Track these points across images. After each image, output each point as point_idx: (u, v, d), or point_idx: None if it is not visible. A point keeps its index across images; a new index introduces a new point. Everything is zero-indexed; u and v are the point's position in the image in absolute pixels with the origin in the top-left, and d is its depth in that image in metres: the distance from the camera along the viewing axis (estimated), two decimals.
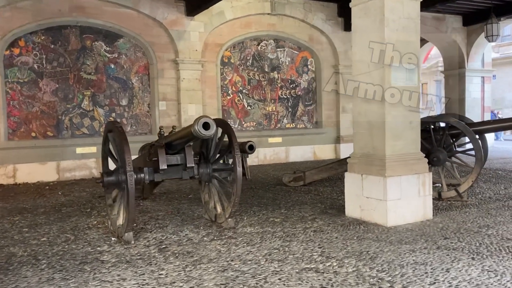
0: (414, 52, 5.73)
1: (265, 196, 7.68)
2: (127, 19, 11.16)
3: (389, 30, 5.51)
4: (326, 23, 13.75)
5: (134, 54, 11.44)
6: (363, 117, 5.90)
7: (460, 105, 16.83)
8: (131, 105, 11.44)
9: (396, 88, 5.58)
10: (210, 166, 5.64)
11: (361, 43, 5.90)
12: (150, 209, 6.83)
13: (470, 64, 16.75)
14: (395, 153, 5.60)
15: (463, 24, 16.44)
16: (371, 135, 5.77)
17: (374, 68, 5.67)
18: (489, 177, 9.27)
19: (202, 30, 11.93)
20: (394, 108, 5.59)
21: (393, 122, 5.59)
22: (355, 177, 5.93)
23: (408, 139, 5.71)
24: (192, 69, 11.81)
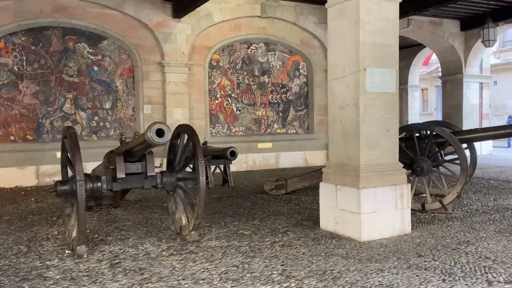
0: (392, 56, 5.41)
1: (243, 206, 7.36)
2: (112, 21, 10.90)
3: (365, 32, 5.20)
4: (318, 27, 13.44)
5: (118, 56, 11.17)
6: (338, 124, 5.58)
7: (457, 111, 16.48)
8: (114, 109, 11.15)
9: (372, 94, 5.26)
10: (175, 175, 5.32)
11: (336, 46, 5.58)
12: (119, 218, 6.52)
13: (468, 70, 16.40)
14: (371, 163, 5.27)
15: (461, 29, 16.10)
16: (346, 144, 5.44)
17: (349, 73, 5.35)
18: (480, 187, 8.91)
19: (189, 32, 11.65)
20: (369, 115, 5.26)
21: (368, 130, 5.26)
22: (330, 188, 5.60)
23: (385, 148, 5.37)
24: (178, 72, 11.52)
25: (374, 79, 5.27)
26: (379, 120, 5.33)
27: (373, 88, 5.27)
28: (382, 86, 5.33)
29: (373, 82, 5.26)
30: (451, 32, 15.96)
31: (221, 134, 12.48)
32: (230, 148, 8.95)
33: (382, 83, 5.33)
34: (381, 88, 5.32)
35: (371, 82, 5.25)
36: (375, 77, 5.27)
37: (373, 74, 5.25)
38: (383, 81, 5.33)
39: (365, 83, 5.21)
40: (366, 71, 5.20)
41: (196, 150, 4.99)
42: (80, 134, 10.74)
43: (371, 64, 5.24)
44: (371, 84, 5.25)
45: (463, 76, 16.28)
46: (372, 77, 5.24)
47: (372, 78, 5.25)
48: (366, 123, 5.25)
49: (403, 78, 20.51)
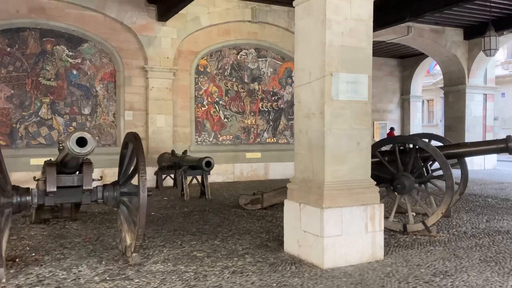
0: (364, 60, 4.83)
1: (211, 222, 6.79)
2: (92, 23, 10.45)
3: (332, 33, 4.63)
4: None
5: (99, 60, 10.71)
6: (303, 135, 5.01)
7: (460, 123, 15.80)
8: (94, 114, 10.67)
9: (339, 102, 4.68)
10: (118, 189, 4.78)
11: (302, 49, 5.03)
12: (70, 234, 5.98)
13: (471, 80, 15.75)
14: (337, 180, 4.68)
15: (464, 37, 15.49)
16: (311, 157, 4.86)
17: (314, 78, 4.79)
18: (475, 205, 8.24)
19: (174, 36, 11.17)
20: (336, 126, 4.68)
21: (335, 143, 4.68)
22: (294, 206, 5.02)
23: (354, 163, 4.78)
24: (162, 78, 11.03)
25: (342, 86, 4.69)
26: (348, 131, 4.75)
27: (341, 96, 4.69)
28: (351, 94, 4.75)
29: (341, 88, 4.68)
30: (453, 41, 15.34)
31: (207, 142, 11.94)
32: (206, 158, 8.40)
33: (352, 90, 4.75)
34: (350, 95, 4.75)
35: (339, 88, 4.67)
36: (344, 83, 4.70)
37: (341, 80, 4.68)
38: (353, 88, 4.75)
39: (331, 89, 4.64)
40: (332, 77, 4.63)
41: (138, 162, 4.45)
42: (57, 140, 10.26)
43: (339, 68, 4.67)
44: (339, 91, 4.67)
45: (466, 87, 15.63)
46: (339, 83, 4.67)
47: (340, 85, 4.68)
48: (333, 135, 4.67)
49: (405, 88, 19.88)
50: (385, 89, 19.63)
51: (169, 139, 11.11)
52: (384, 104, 19.66)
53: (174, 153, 9.64)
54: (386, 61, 19.59)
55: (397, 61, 19.83)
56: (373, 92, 16.19)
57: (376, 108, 19.44)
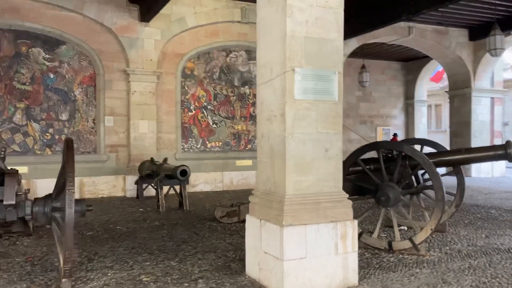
0: (333, 54, 4.17)
1: (177, 238, 6.14)
2: (71, 24, 9.93)
3: (294, 22, 3.99)
4: None
5: (78, 63, 10.17)
6: (265, 140, 4.35)
7: (466, 128, 15.00)
8: (72, 120, 10.12)
9: (303, 102, 4.03)
10: (50, 204, 4.15)
11: (263, 42, 4.39)
12: (15, 252, 5.38)
13: (478, 83, 14.95)
14: (301, 193, 4.02)
15: (469, 38, 14.73)
16: (273, 166, 4.21)
17: (276, 75, 4.14)
18: (475, 218, 7.49)
19: (158, 37, 10.61)
20: (300, 130, 4.02)
21: (299, 150, 4.02)
22: (254, 223, 4.36)
23: (321, 173, 4.11)
24: (145, 81, 10.46)
25: (307, 83, 4.04)
26: (314, 136, 4.09)
27: (306, 95, 4.04)
28: (318, 92, 4.09)
29: (305, 86, 4.03)
30: (458, 42, 14.58)
31: (194, 149, 11.32)
32: (181, 166, 7.77)
33: (319, 89, 4.09)
34: (317, 94, 4.09)
35: (303, 86, 4.02)
36: (309, 81, 4.04)
37: (306, 77, 4.02)
38: (320, 86, 4.09)
39: (294, 87, 3.99)
40: (295, 73, 3.98)
41: (66, 173, 3.83)
42: (32, 148, 9.73)
43: (303, 63, 4.02)
44: (303, 90, 4.02)
45: (472, 90, 14.84)
46: (303, 80, 4.02)
47: (304, 82, 4.02)
48: (295, 140, 4.01)
49: (409, 92, 19.12)
50: (388, 93, 18.89)
51: (152, 146, 10.52)
52: (388, 109, 18.91)
53: (153, 160, 9.04)
54: (389, 65, 18.85)
55: (401, 65, 19.08)
56: (375, 96, 15.54)
57: (379, 113, 18.73)
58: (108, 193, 10.17)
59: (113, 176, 10.23)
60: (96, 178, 10.07)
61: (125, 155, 10.41)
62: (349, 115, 18.12)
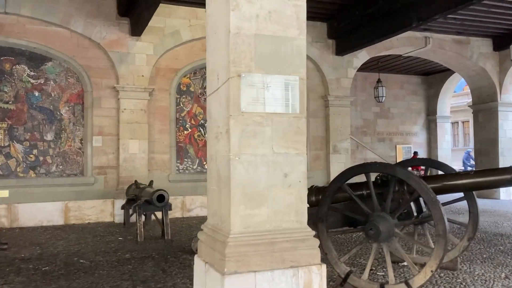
0: (293, 56, 3.36)
1: (138, 275, 5.32)
2: (57, 39, 9.43)
3: (241, 16, 3.20)
4: (313, 46, 11.47)
5: (65, 80, 9.62)
6: (213, 164, 3.54)
7: (492, 146, 13.79)
8: (58, 141, 9.53)
9: (254, 115, 3.21)
10: None
11: (211, 43, 3.63)
12: None
13: (504, 97, 13.78)
14: (251, 230, 3.17)
15: (494, 48, 13.63)
16: (220, 196, 3.38)
17: (222, 82, 3.35)
18: (497, 251, 6.40)
19: (151, 52, 10.00)
20: (249, 151, 3.20)
21: (248, 175, 3.18)
22: (200, 267, 3.52)
23: (279, 205, 3.26)
24: (136, 98, 9.82)
25: (259, 92, 3.22)
26: (269, 158, 3.25)
27: (257, 106, 3.22)
28: (274, 104, 3.27)
29: (255, 96, 3.21)
30: (481, 52, 13.50)
31: (190, 170, 10.57)
32: (158, 191, 7.01)
33: (275, 99, 3.27)
34: (272, 106, 3.27)
35: (252, 96, 3.20)
36: (261, 89, 3.23)
37: (256, 84, 3.21)
38: (276, 95, 3.27)
39: (240, 97, 3.18)
40: (241, 79, 3.17)
41: None
42: (15, 170, 9.16)
43: (253, 67, 3.22)
44: (253, 100, 3.21)
45: (499, 104, 13.68)
46: (253, 88, 3.21)
47: (255, 90, 3.21)
48: (243, 163, 3.18)
49: (431, 108, 17.98)
50: (408, 109, 17.81)
51: (144, 167, 9.82)
52: (408, 126, 17.80)
53: (137, 183, 8.32)
54: (408, 79, 17.81)
55: (421, 79, 18.01)
56: (394, 113, 14.48)
57: (398, 130, 17.64)
58: (96, 218, 9.48)
59: (101, 200, 9.55)
60: (83, 202, 9.40)
61: (114, 177, 9.73)
62: (366, 132, 17.13)
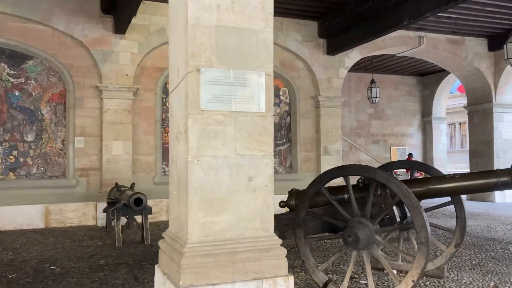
0: (258, 50, 3.11)
1: (110, 283, 5.04)
2: (38, 37, 9.16)
3: (199, 6, 2.94)
4: (303, 45, 11.22)
5: (46, 79, 9.35)
6: (174, 166, 3.28)
7: (487, 148, 13.55)
8: (39, 141, 9.25)
9: (215, 114, 2.95)
10: None
11: (173, 36, 3.36)
12: None
13: (500, 98, 13.54)
14: (211, 239, 2.91)
15: (489, 48, 13.38)
16: (180, 201, 3.12)
17: (181, 78, 3.08)
18: (487, 257, 6.13)
19: (135, 51, 9.73)
20: (210, 152, 2.94)
21: (208, 179, 2.92)
22: (159, 278, 3.26)
23: (243, 211, 3.00)
24: (120, 98, 9.55)
25: (221, 89, 2.97)
26: (232, 160, 2.99)
27: (218, 104, 2.96)
28: (237, 101, 3.01)
29: (217, 93, 2.96)
30: (476, 53, 13.26)
31: None
32: (136, 194, 6.74)
33: (238, 96, 3.01)
34: (235, 104, 3.01)
35: (213, 93, 2.95)
36: (223, 85, 2.97)
37: (218, 80, 2.96)
38: (239, 93, 3.02)
39: (200, 94, 2.92)
40: (200, 74, 2.91)
41: None
42: None
43: (214, 61, 2.96)
44: (213, 97, 2.95)
45: (494, 105, 13.43)
46: (215, 84, 2.95)
47: (216, 87, 2.95)
48: (203, 166, 2.92)
49: (427, 109, 17.74)
50: (403, 110, 17.55)
51: (128, 169, 9.54)
52: (403, 127, 17.54)
53: (118, 186, 8.04)
54: (403, 80, 17.57)
55: (416, 79, 17.77)
56: (389, 114, 14.21)
57: (393, 132, 17.38)
58: (78, 221, 9.20)
59: (83, 203, 9.27)
60: (64, 205, 9.12)
61: (97, 179, 9.45)
62: (360, 134, 16.88)
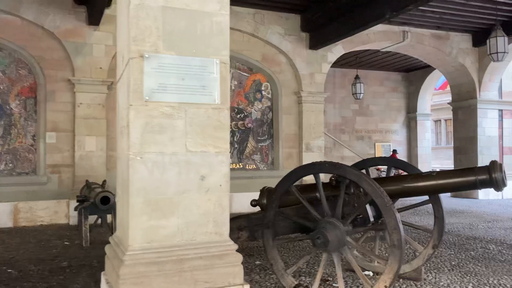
0: (213, 35, 2.81)
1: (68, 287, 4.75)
2: (6, 28, 8.78)
3: None
4: (285, 39, 10.94)
5: (15, 72, 8.97)
6: (119, 164, 2.98)
7: (471, 144, 13.42)
8: (7, 137, 8.87)
9: (163, 105, 2.66)
10: None
11: (119, 20, 3.06)
12: None
13: (484, 94, 13.39)
14: (156, 245, 2.62)
15: (473, 44, 13.23)
16: (123, 202, 2.82)
17: (125, 65, 2.79)
18: (468, 257, 5.91)
19: (110, 43, 9.37)
20: (155, 148, 2.65)
21: (153, 178, 2.64)
22: (103, 286, 2.96)
23: (194, 214, 2.72)
24: (93, 92, 9.21)
25: (168, 77, 2.67)
26: (181, 157, 2.70)
27: (165, 95, 2.67)
28: (188, 91, 2.72)
29: (163, 82, 2.66)
30: (460, 48, 13.09)
31: None
32: (102, 192, 6.42)
33: (189, 86, 2.72)
34: (185, 95, 2.72)
35: (159, 82, 2.65)
36: (171, 73, 2.68)
37: (165, 67, 2.67)
38: (190, 82, 2.72)
39: (143, 83, 2.62)
40: (144, 60, 2.61)
41: None
42: None
43: (160, 47, 2.67)
44: (159, 87, 2.66)
45: (478, 102, 13.29)
46: (161, 72, 2.65)
47: (163, 75, 2.66)
48: (147, 164, 2.63)
49: (412, 105, 17.59)
50: (388, 106, 17.38)
51: (101, 166, 9.21)
52: (387, 124, 17.37)
53: (88, 184, 7.71)
54: (388, 76, 17.39)
55: (402, 75, 17.60)
56: (373, 110, 13.97)
57: (377, 128, 17.21)
58: (49, 220, 8.85)
59: (54, 201, 8.92)
60: (35, 203, 8.76)
61: (70, 176, 9.11)
62: (345, 130, 16.68)
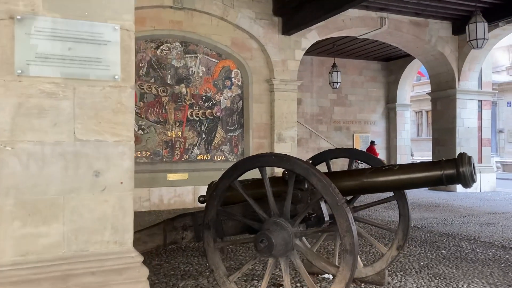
0: None
1: None
2: None
3: None
4: (256, 23, 10.36)
5: None
6: None
7: (450, 136, 13.03)
8: None
9: (43, 82, 2.10)
10: None
11: None
12: None
13: (463, 84, 12.98)
14: (32, 258, 2.08)
15: (453, 32, 12.80)
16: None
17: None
18: (438, 257, 5.46)
19: None
20: (31, 136, 2.09)
21: (29, 174, 2.09)
22: None
23: (85, 219, 2.17)
24: None
25: (51, 46, 2.11)
26: (68, 148, 2.15)
27: (45, 68, 2.11)
28: (76, 64, 2.16)
29: (44, 51, 2.11)
30: (439, 36, 12.65)
31: None
32: None
33: (78, 57, 2.16)
34: (74, 68, 2.16)
35: (37, 51, 2.09)
36: (55, 41, 2.12)
37: (45, 33, 2.10)
38: (79, 52, 2.16)
39: (15, 53, 2.05)
40: (15, 24, 2.05)
41: None
42: None
43: (39, 6, 2.12)
44: (38, 57, 2.09)
45: (457, 92, 12.86)
46: (40, 39, 2.09)
47: (42, 43, 2.09)
48: (20, 157, 2.07)
49: (391, 96, 17.18)
50: (367, 96, 16.94)
51: None
52: (366, 114, 16.95)
53: None
54: (367, 65, 16.93)
55: (381, 65, 17.16)
56: (352, 100, 13.39)
57: (356, 119, 16.77)
58: None
59: None
60: None
61: None
62: (322, 120, 16.20)
